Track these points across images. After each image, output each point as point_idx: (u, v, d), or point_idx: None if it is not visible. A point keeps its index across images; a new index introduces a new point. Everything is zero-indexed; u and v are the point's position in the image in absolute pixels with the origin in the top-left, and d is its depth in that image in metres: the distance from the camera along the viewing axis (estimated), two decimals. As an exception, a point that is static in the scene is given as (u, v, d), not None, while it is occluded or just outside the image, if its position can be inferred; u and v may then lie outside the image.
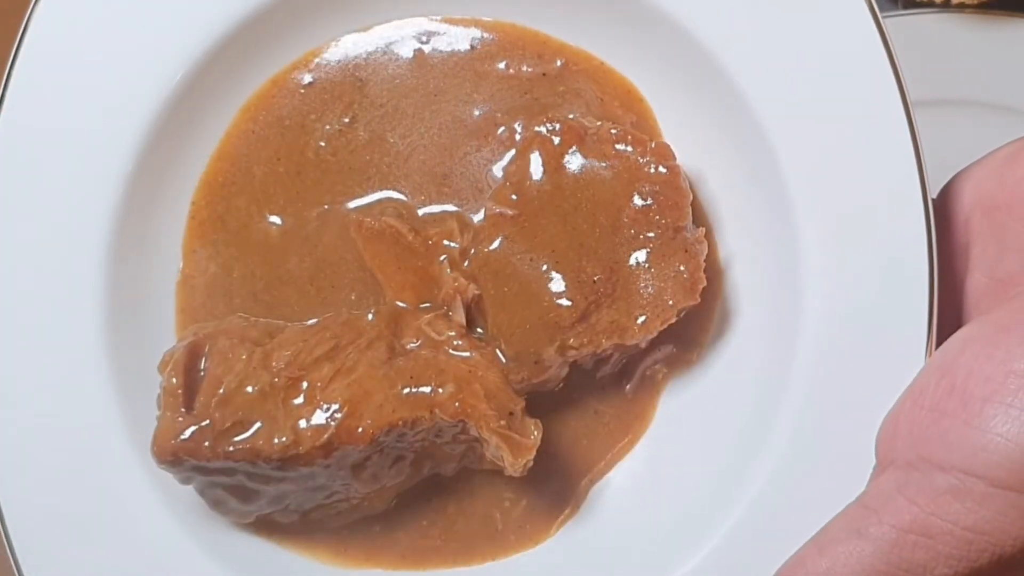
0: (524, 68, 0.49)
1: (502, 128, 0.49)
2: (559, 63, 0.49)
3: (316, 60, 0.49)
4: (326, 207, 0.49)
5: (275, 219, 0.49)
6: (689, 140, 0.49)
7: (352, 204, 0.49)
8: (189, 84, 0.47)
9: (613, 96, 0.49)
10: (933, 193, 0.45)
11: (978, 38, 0.72)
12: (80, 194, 0.46)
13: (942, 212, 0.45)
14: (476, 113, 0.49)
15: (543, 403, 0.48)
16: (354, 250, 0.48)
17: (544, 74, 0.49)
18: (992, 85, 0.72)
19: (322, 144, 0.49)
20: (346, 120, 0.49)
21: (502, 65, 0.49)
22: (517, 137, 0.48)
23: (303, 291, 0.49)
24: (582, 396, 0.49)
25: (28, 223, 0.46)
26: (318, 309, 0.48)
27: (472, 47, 0.50)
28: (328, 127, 0.49)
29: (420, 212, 0.49)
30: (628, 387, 0.49)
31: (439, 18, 0.50)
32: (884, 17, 0.72)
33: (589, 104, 0.49)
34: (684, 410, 0.49)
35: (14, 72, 0.46)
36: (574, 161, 0.47)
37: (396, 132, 0.49)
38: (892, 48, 0.45)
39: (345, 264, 0.49)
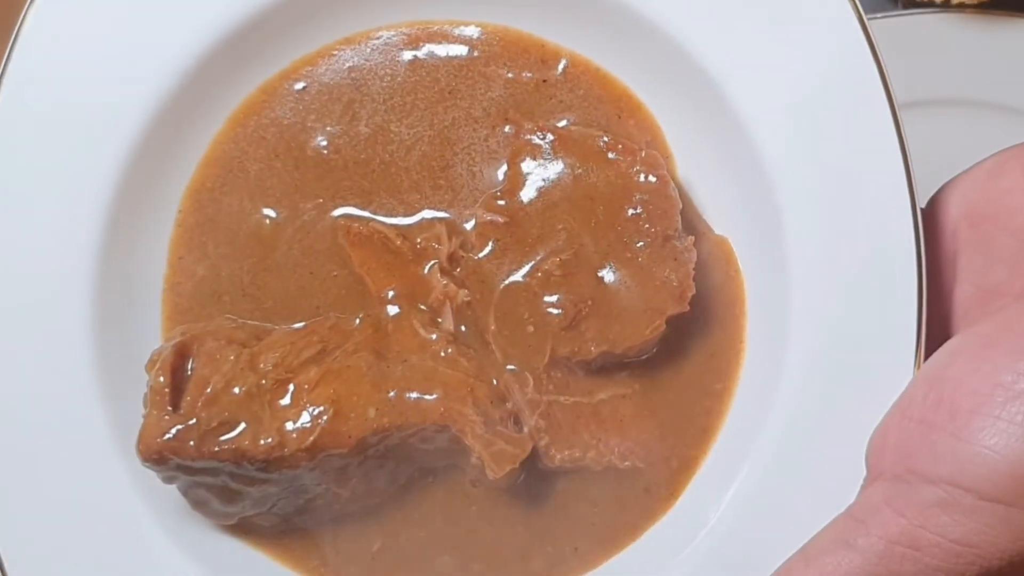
0: (525, 74, 0.50)
1: (508, 126, 0.49)
2: (560, 68, 0.50)
3: (307, 68, 0.50)
4: (321, 200, 0.49)
5: (269, 211, 0.49)
6: (679, 149, 0.49)
7: (344, 209, 0.49)
8: (178, 93, 0.47)
9: (629, 115, 0.49)
10: (922, 203, 0.45)
11: (978, 38, 0.72)
12: (68, 201, 0.46)
13: (930, 223, 0.45)
14: (488, 109, 0.49)
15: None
16: (340, 246, 0.48)
17: (545, 80, 0.50)
18: (992, 85, 0.72)
19: (323, 142, 0.49)
20: (347, 119, 0.49)
21: (504, 68, 0.49)
22: (524, 137, 0.48)
23: (284, 279, 0.48)
24: None
25: (16, 229, 0.46)
26: (296, 297, 0.48)
27: (471, 50, 0.50)
28: (330, 128, 0.49)
29: (411, 216, 0.49)
30: None
31: (429, 23, 0.50)
32: (884, 17, 0.73)
33: (608, 118, 0.49)
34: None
35: (3, 81, 0.46)
36: (564, 169, 0.47)
37: (403, 123, 0.49)
38: (882, 62, 0.45)
39: (329, 255, 0.48)
